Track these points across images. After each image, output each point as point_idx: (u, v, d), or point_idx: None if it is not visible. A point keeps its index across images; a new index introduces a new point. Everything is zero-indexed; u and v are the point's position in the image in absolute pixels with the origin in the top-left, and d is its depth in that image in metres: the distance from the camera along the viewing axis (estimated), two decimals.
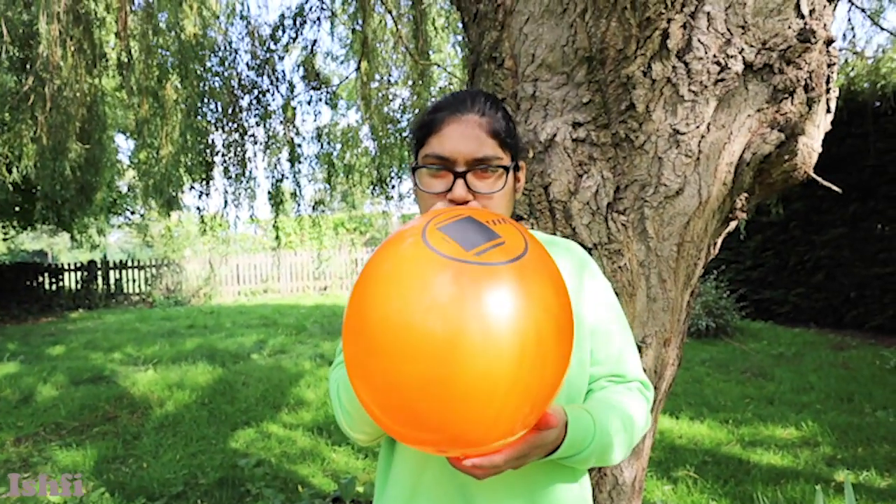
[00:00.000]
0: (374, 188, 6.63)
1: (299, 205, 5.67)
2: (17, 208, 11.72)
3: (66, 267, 13.81)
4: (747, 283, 8.98)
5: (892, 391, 5.14)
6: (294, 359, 6.57)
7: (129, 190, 14.12)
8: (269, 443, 4.26)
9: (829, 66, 1.39)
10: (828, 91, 1.42)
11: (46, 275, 13.60)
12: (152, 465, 3.98)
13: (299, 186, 5.87)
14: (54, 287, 13.53)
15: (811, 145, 1.42)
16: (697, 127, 1.33)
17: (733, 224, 1.64)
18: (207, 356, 6.75)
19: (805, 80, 1.35)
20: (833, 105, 1.46)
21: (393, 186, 6.26)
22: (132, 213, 14.79)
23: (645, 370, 1.44)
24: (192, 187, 5.85)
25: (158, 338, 8.20)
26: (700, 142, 1.34)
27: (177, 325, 9.43)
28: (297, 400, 5.22)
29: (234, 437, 4.40)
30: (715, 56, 1.33)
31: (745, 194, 1.51)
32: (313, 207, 5.88)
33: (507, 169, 1.00)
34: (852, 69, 6.99)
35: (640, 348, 1.39)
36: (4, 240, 14.05)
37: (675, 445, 4.08)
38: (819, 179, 1.55)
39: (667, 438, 4.20)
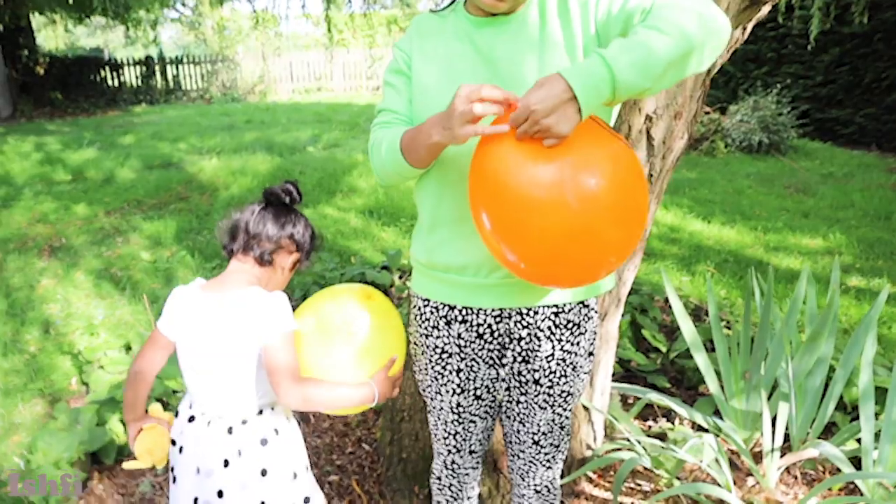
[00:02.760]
0: None
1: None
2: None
3: (125, 62, 14.05)
4: (814, 100, 8.55)
5: None
6: (347, 152, 6.89)
7: None
8: (324, 222, 4.70)
9: None
10: None
11: (108, 69, 13.93)
12: None
13: None
14: (116, 83, 13.91)
15: None
16: None
17: (766, 9, 1.66)
18: (265, 148, 7.13)
19: None
20: None
21: None
22: (183, 4, 14.58)
23: (653, 142, 1.59)
24: None
25: (219, 131, 8.60)
26: None
27: (235, 119, 9.79)
28: (350, 187, 5.60)
29: None
30: None
31: None
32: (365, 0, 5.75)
33: None
34: None
35: (650, 118, 1.53)
36: (66, 31, 14.21)
37: (700, 245, 4.33)
38: None
39: (694, 238, 4.44)
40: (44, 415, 2.48)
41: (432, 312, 1.33)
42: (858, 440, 2.12)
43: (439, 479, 1.57)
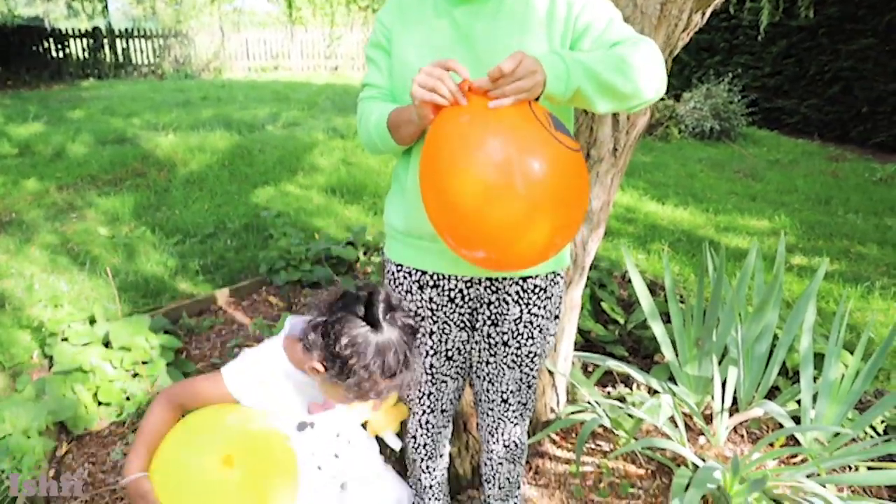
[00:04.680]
0: None
1: None
2: None
3: (71, 33, 13.46)
4: (763, 90, 8.88)
5: (869, 198, 5.46)
6: (307, 131, 6.82)
7: None
8: (287, 199, 4.69)
9: None
10: None
11: (51, 40, 13.29)
12: (183, 212, 4.44)
13: None
14: (61, 55, 13.30)
15: None
16: None
17: None
18: (224, 124, 6.99)
19: None
20: None
21: None
22: None
23: (618, 118, 1.68)
24: None
25: (174, 107, 8.38)
26: None
27: (190, 96, 9.53)
28: (312, 166, 5.58)
29: (254, 194, 4.82)
30: None
31: None
32: None
33: None
34: None
35: None
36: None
37: (655, 225, 4.50)
38: None
39: (649, 219, 4.61)
40: (5, 388, 2.44)
41: (405, 277, 1.39)
42: (799, 402, 2.29)
43: (414, 437, 1.64)
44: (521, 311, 1.38)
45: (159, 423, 1.28)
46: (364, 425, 1.54)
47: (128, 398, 2.31)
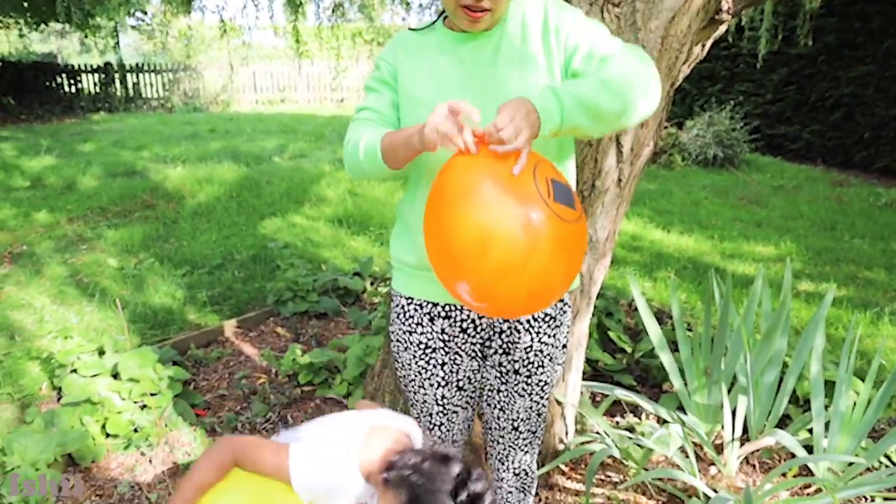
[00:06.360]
0: None
1: (318, 6, 5.61)
2: (25, 3, 11.36)
3: (83, 68, 13.74)
4: (765, 116, 8.95)
5: (874, 223, 5.46)
6: (314, 162, 6.90)
7: None
8: (294, 230, 4.72)
9: None
10: None
11: (64, 76, 13.59)
12: (191, 243, 4.48)
13: None
14: (73, 89, 13.58)
15: None
16: None
17: (722, 28, 1.80)
18: (231, 156, 7.09)
19: None
20: None
21: None
22: (144, 13, 14.34)
23: (622, 149, 1.70)
24: None
25: (182, 140, 8.50)
26: None
27: (198, 129, 9.67)
28: (319, 197, 5.63)
29: (262, 225, 4.86)
30: None
31: None
32: (332, 10, 5.82)
33: None
34: None
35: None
36: (21, 36, 13.81)
37: (661, 252, 4.50)
38: None
39: (655, 247, 4.62)
40: (14, 419, 2.45)
41: (416, 310, 1.40)
42: (810, 431, 2.26)
43: None
44: (532, 339, 1.39)
45: (211, 476, 1.25)
46: None
47: (136, 430, 2.31)
